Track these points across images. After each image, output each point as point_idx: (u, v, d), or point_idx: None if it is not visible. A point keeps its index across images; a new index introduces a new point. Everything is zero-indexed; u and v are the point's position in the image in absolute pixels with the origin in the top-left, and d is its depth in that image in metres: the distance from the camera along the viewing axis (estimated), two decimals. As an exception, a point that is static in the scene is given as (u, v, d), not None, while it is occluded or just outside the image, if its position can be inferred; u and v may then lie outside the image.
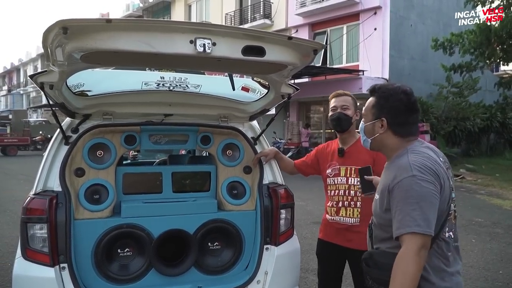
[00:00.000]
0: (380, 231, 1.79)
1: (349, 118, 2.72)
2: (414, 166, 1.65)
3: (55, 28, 1.68)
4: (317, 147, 3.04)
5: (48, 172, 2.54)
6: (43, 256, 2.35)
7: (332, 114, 2.77)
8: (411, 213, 1.58)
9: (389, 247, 1.72)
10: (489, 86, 20.51)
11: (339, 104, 2.74)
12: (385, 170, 1.85)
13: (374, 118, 1.83)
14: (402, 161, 1.71)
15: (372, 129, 1.85)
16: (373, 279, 1.73)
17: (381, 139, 1.83)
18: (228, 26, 1.95)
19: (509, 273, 4.85)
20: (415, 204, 1.59)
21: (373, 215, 1.88)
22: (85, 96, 2.60)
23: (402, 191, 1.63)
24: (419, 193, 1.60)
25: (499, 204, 9.23)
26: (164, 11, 30.00)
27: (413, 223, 1.56)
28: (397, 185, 1.65)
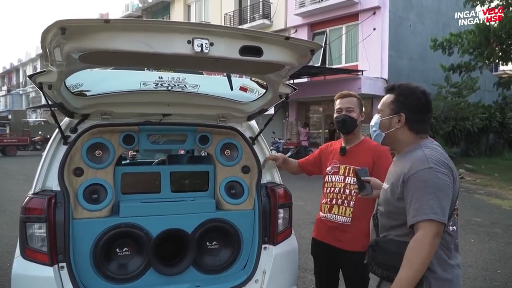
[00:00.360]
0: (388, 220, 1.87)
1: (354, 121, 2.72)
2: (431, 159, 1.74)
3: (53, 28, 1.69)
4: (321, 146, 3.05)
5: (47, 171, 2.54)
6: (42, 255, 2.36)
7: (338, 116, 2.75)
8: (429, 202, 1.66)
9: (398, 234, 1.81)
10: (488, 86, 20.54)
11: (344, 106, 2.73)
12: (395, 162, 1.95)
13: (393, 114, 1.91)
14: (418, 154, 1.79)
15: (389, 123, 1.93)
16: (378, 264, 1.82)
17: (395, 133, 1.92)
18: (226, 26, 1.97)
19: (507, 272, 4.86)
20: (432, 193, 1.67)
21: (379, 205, 1.95)
22: (83, 96, 2.61)
23: (419, 181, 1.71)
24: (436, 184, 1.69)
25: (498, 204, 9.25)
26: (164, 11, 30.00)
27: (431, 211, 1.65)
28: (413, 176, 1.73)
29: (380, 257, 1.82)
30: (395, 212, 1.82)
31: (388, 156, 2.71)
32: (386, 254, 1.79)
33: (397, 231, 1.83)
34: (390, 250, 1.79)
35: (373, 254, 1.86)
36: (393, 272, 1.72)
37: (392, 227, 1.86)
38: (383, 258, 1.80)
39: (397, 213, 1.80)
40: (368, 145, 2.77)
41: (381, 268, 1.81)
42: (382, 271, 1.81)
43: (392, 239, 1.83)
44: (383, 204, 1.92)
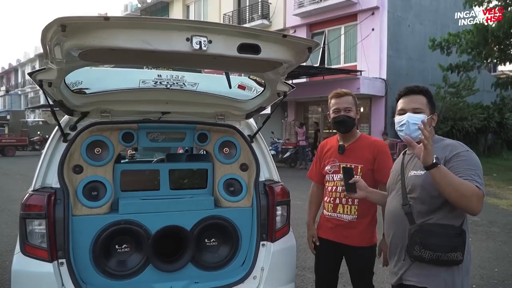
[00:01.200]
0: (426, 206, 1.99)
1: (353, 120, 2.75)
2: (464, 145, 2.02)
3: (53, 25, 1.71)
4: (317, 150, 3.04)
5: (46, 169, 2.57)
6: (41, 251, 2.38)
7: (337, 117, 2.76)
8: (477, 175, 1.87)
9: (440, 217, 1.95)
10: (486, 87, 20.58)
11: (342, 107, 2.74)
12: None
13: (431, 113, 2.13)
14: (450, 141, 2.06)
15: (430, 122, 2.11)
16: (427, 248, 1.91)
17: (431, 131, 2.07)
18: (224, 24, 1.99)
19: (504, 270, 4.89)
20: (476, 170, 1.89)
21: (410, 193, 2.05)
22: (83, 94, 2.63)
23: (464, 159, 1.93)
24: (478, 163, 1.94)
25: (496, 204, 9.27)
26: (162, 11, 30.01)
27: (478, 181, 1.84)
28: (456, 155, 1.94)
29: (432, 240, 1.92)
30: (433, 195, 1.94)
31: (388, 151, 2.79)
32: (437, 237, 1.91)
33: (438, 214, 1.96)
34: (440, 233, 1.92)
35: (421, 239, 1.94)
36: (444, 252, 1.88)
37: (432, 211, 1.97)
38: (435, 241, 1.91)
39: (435, 196, 1.93)
40: (367, 141, 2.80)
41: (431, 251, 1.91)
42: (433, 253, 1.90)
43: (436, 223, 1.95)
44: (418, 190, 2.01)
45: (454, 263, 1.90)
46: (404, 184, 2.10)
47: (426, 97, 2.13)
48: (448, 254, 1.88)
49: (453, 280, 1.93)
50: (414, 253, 1.96)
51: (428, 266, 1.95)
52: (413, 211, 2.02)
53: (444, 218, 1.94)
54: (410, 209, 2.03)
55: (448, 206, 1.91)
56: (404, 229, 2.03)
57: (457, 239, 1.90)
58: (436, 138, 2.10)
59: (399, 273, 2.09)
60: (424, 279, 1.97)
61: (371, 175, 2.67)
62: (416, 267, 2.00)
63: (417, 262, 1.98)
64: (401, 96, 2.20)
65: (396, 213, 2.12)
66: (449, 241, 1.89)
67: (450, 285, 1.93)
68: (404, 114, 2.11)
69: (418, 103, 2.10)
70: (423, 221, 1.97)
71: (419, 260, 1.96)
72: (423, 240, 1.93)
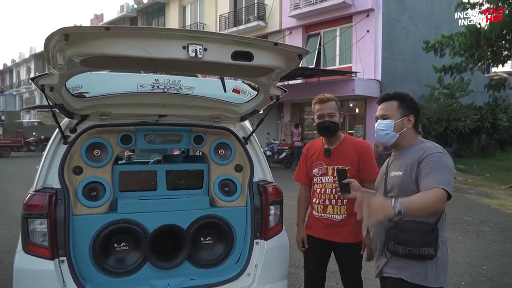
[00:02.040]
0: None
1: (337, 125, 2.87)
2: (438, 147, 2.14)
3: (57, 34, 1.81)
4: (302, 153, 3.13)
5: (47, 170, 2.65)
6: (43, 249, 2.47)
7: (321, 123, 2.86)
8: (443, 176, 1.98)
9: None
10: (480, 88, 20.77)
11: (325, 112, 2.85)
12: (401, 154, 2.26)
13: (403, 116, 2.26)
14: (426, 145, 2.18)
15: (402, 125, 2.26)
16: (401, 243, 2.06)
17: (406, 133, 2.26)
18: (218, 33, 2.08)
19: (492, 268, 5.01)
20: (445, 170, 2.02)
21: (390, 192, 2.19)
22: (83, 97, 2.72)
23: (434, 160, 2.04)
24: (448, 165, 2.05)
25: (488, 203, 9.43)
26: (159, 12, 30.05)
27: (444, 182, 1.95)
28: (428, 156, 2.07)
29: (404, 236, 2.06)
30: (409, 195, 2.04)
31: (371, 152, 2.93)
32: (410, 233, 2.05)
33: None
34: (413, 229, 2.05)
35: (395, 235, 2.09)
36: (416, 247, 2.03)
37: None
38: (407, 236, 2.06)
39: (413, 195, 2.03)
40: (351, 142, 2.92)
41: (404, 246, 2.06)
42: (406, 248, 2.05)
43: (410, 220, 2.05)
44: (396, 189, 2.17)
45: (427, 258, 2.03)
46: (386, 183, 2.25)
47: (398, 101, 2.27)
48: (420, 249, 2.02)
49: (426, 273, 2.06)
50: (390, 248, 2.12)
51: (403, 260, 2.09)
52: None
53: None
54: None
55: None
56: (383, 225, 2.17)
57: (429, 235, 2.03)
58: (416, 141, 2.24)
59: (379, 266, 2.26)
60: (399, 271, 2.13)
61: (357, 176, 2.78)
62: (393, 260, 2.17)
63: (394, 256, 2.14)
64: (378, 105, 2.38)
65: None
66: (421, 237, 2.03)
67: (423, 277, 2.07)
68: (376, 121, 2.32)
69: (386, 110, 2.29)
70: (399, 218, 2.08)
71: (395, 254, 2.12)
72: (397, 236, 2.08)
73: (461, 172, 14.53)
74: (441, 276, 2.10)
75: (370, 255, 2.71)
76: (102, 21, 37.76)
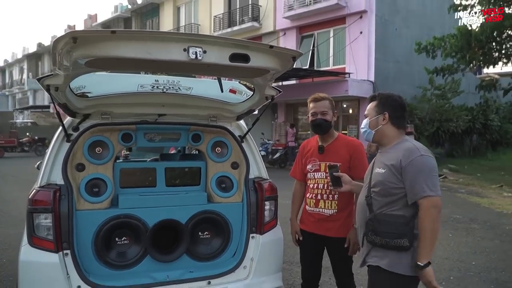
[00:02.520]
0: (384, 198, 2.27)
1: (329, 123, 2.99)
2: (420, 148, 2.23)
3: (66, 37, 1.92)
4: (299, 150, 3.29)
5: (51, 167, 2.76)
6: (48, 243, 2.57)
7: (314, 120, 3.01)
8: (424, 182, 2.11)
9: (393, 209, 2.23)
10: (471, 89, 21.03)
11: (318, 110, 2.99)
12: (385, 152, 2.37)
13: (378, 114, 2.38)
14: (408, 145, 2.26)
15: (376, 122, 2.39)
16: (378, 234, 2.23)
17: (383, 129, 2.38)
18: (217, 36, 2.21)
19: (481, 264, 5.17)
20: (426, 175, 2.13)
21: (373, 187, 2.33)
22: (85, 97, 2.82)
23: (415, 167, 2.15)
24: (428, 166, 2.16)
25: (478, 202, 9.62)
26: (153, 13, 30.05)
27: (426, 189, 2.10)
28: (409, 163, 2.17)
29: (381, 227, 2.23)
30: (390, 191, 2.23)
31: (363, 150, 3.05)
32: (386, 225, 2.22)
33: (391, 206, 2.24)
34: (389, 221, 2.21)
35: (373, 226, 2.26)
36: (391, 239, 2.17)
37: (386, 204, 2.25)
38: (383, 228, 2.22)
39: (392, 192, 2.22)
40: (344, 141, 3.05)
41: (381, 237, 2.22)
42: (382, 239, 2.21)
43: (388, 213, 2.23)
44: (378, 186, 2.30)
45: (401, 249, 2.16)
46: (371, 179, 2.39)
47: (377, 100, 2.42)
48: (395, 240, 2.16)
49: (402, 262, 2.19)
50: (368, 239, 2.29)
51: (382, 249, 2.24)
52: (373, 202, 2.31)
53: (397, 210, 2.21)
54: (371, 201, 2.33)
55: (403, 200, 2.20)
56: (365, 218, 2.34)
57: (403, 227, 2.16)
58: (400, 140, 2.34)
59: (362, 256, 2.42)
60: (377, 259, 2.27)
61: (348, 172, 2.91)
62: (374, 250, 2.31)
63: (375, 247, 2.28)
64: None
65: (361, 204, 2.42)
66: (396, 229, 2.17)
67: (399, 265, 2.19)
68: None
69: (367, 109, 2.46)
70: (379, 211, 2.26)
71: (373, 244, 2.28)
72: (374, 228, 2.25)
73: (452, 172, 14.75)
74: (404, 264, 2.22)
75: (353, 249, 2.89)
76: (96, 21, 37.68)
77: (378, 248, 2.27)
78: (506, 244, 6.09)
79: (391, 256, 2.21)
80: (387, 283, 2.23)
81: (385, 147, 2.42)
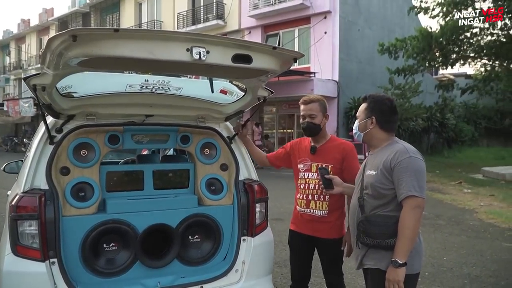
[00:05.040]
0: (375, 200, 2.32)
1: (317, 126, 3.00)
2: (409, 149, 2.28)
3: (64, 35, 1.81)
4: (290, 142, 3.31)
5: (35, 171, 2.60)
6: (33, 251, 2.42)
7: (302, 123, 3.05)
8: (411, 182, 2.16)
9: (385, 210, 2.29)
10: (429, 88, 21.90)
11: (307, 113, 3.01)
12: (376, 154, 2.41)
13: (366, 117, 2.44)
14: (398, 147, 2.31)
15: (365, 125, 2.46)
16: (369, 235, 2.29)
17: (371, 133, 2.44)
18: (220, 37, 2.15)
19: (452, 259, 5.38)
20: (413, 175, 2.17)
21: (365, 189, 2.35)
22: (71, 97, 2.68)
23: (403, 167, 2.20)
24: (416, 168, 2.20)
25: (441, 199, 10.00)
26: (113, 8, 29.22)
27: (412, 188, 2.15)
28: (398, 163, 2.22)
29: (372, 229, 2.28)
30: (382, 192, 2.28)
31: (354, 152, 3.07)
32: (377, 226, 2.27)
33: (383, 208, 2.29)
34: (380, 222, 2.27)
35: (364, 228, 2.31)
36: (382, 239, 2.23)
37: (379, 206, 2.31)
38: (375, 229, 2.27)
39: (384, 194, 2.27)
40: (336, 142, 3.07)
41: (372, 238, 2.27)
42: (374, 240, 2.27)
43: (380, 214, 2.29)
44: (370, 188, 2.32)
45: (393, 248, 2.20)
46: (363, 181, 2.42)
47: (366, 103, 2.48)
48: (386, 241, 2.22)
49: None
50: (360, 240, 2.33)
51: (380, 251, 2.27)
52: (365, 204, 2.35)
53: (389, 211, 2.26)
54: (363, 202, 2.36)
55: (395, 201, 2.25)
56: (357, 219, 2.38)
57: (393, 227, 2.21)
58: (390, 142, 2.40)
59: (358, 258, 2.45)
60: (376, 261, 2.31)
61: (340, 174, 2.93)
62: (371, 252, 2.33)
63: (372, 248, 2.31)
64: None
65: (354, 206, 2.46)
66: (386, 229, 2.22)
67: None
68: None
69: (358, 111, 2.52)
70: (371, 213, 2.31)
71: (365, 245, 2.33)
72: (365, 229, 2.30)
73: (413, 169, 15.23)
74: (416, 264, 2.30)
75: (349, 251, 2.88)
76: (52, 15, 36.08)
77: (376, 250, 2.30)
78: (472, 239, 6.37)
79: (391, 257, 2.23)
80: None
81: (375, 149, 2.46)
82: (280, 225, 6.63)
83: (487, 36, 14.75)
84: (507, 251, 5.80)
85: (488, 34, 14.62)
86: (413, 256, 2.26)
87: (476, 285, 4.49)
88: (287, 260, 3.28)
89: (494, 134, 24.81)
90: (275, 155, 3.36)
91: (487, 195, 10.40)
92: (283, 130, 20.42)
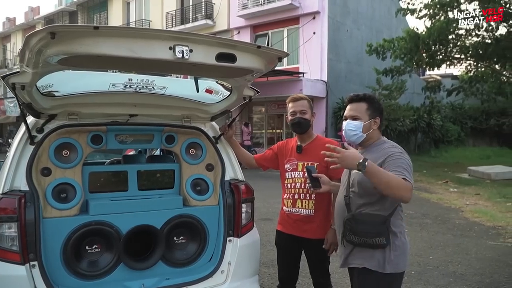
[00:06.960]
0: (362, 198, 2.31)
1: (308, 121, 3.00)
2: (398, 147, 2.33)
3: (42, 32, 1.76)
4: (277, 143, 3.29)
5: (14, 172, 2.54)
6: (13, 254, 2.36)
7: (293, 119, 3.01)
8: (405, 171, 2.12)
9: (371, 209, 2.27)
10: (416, 89, 22.09)
11: (297, 109, 2.99)
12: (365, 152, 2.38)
13: (371, 118, 2.40)
14: (387, 145, 2.35)
15: (369, 126, 2.41)
16: (356, 233, 2.27)
17: (372, 133, 2.42)
18: (204, 35, 2.12)
19: (438, 258, 5.41)
20: (406, 168, 2.16)
21: (352, 187, 2.35)
22: (52, 96, 2.63)
23: (396, 159, 2.20)
24: (407, 163, 2.20)
25: (427, 198, 10.08)
26: (101, 7, 28.95)
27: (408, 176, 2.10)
28: (390, 156, 2.22)
29: (359, 227, 2.26)
30: (370, 191, 2.24)
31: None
32: (364, 224, 2.26)
33: (370, 206, 2.28)
34: (367, 221, 2.25)
35: (351, 226, 2.30)
36: (369, 238, 2.22)
37: (365, 204, 2.30)
38: (361, 227, 2.25)
39: (372, 192, 2.23)
40: (322, 141, 3.06)
41: (359, 236, 2.26)
42: (360, 238, 2.26)
43: (367, 213, 2.28)
44: (357, 186, 2.31)
45: (380, 247, 2.22)
46: (349, 179, 2.41)
47: (367, 103, 2.43)
48: (372, 239, 2.21)
49: (384, 259, 2.24)
50: (346, 238, 2.33)
51: (366, 250, 2.27)
52: (351, 202, 2.34)
53: (376, 210, 2.25)
54: (349, 200, 2.36)
55: (382, 200, 2.24)
56: (342, 218, 2.38)
57: (380, 226, 2.22)
58: (379, 141, 2.42)
59: (343, 256, 2.44)
60: (362, 261, 2.30)
61: (325, 172, 2.92)
62: (357, 251, 2.33)
63: (357, 247, 2.30)
64: (346, 104, 2.53)
65: (340, 204, 2.45)
66: (373, 228, 2.22)
67: (382, 264, 2.24)
68: (345, 121, 2.46)
69: (356, 111, 2.42)
70: (357, 211, 2.30)
71: (351, 243, 2.32)
72: (352, 228, 2.29)
73: (400, 169, 15.35)
74: (401, 263, 2.30)
75: (331, 249, 2.89)
76: (38, 14, 35.66)
77: (362, 249, 2.29)
78: (458, 238, 6.43)
79: (377, 257, 2.24)
80: (375, 283, 2.26)
81: (364, 148, 2.44)
82: (268, 225, 6.62)
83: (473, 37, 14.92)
84: (492, 249, 5.86)
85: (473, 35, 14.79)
86: (399, 255, 2.26)
87: (461, 283, 4.53)
88: (274, 260, 3.26)
89: (480, 134, 25.12)
90: (262, 156, 3.34)
91: (472, 194, 10.51)
92: (272, 130, 20.42)
